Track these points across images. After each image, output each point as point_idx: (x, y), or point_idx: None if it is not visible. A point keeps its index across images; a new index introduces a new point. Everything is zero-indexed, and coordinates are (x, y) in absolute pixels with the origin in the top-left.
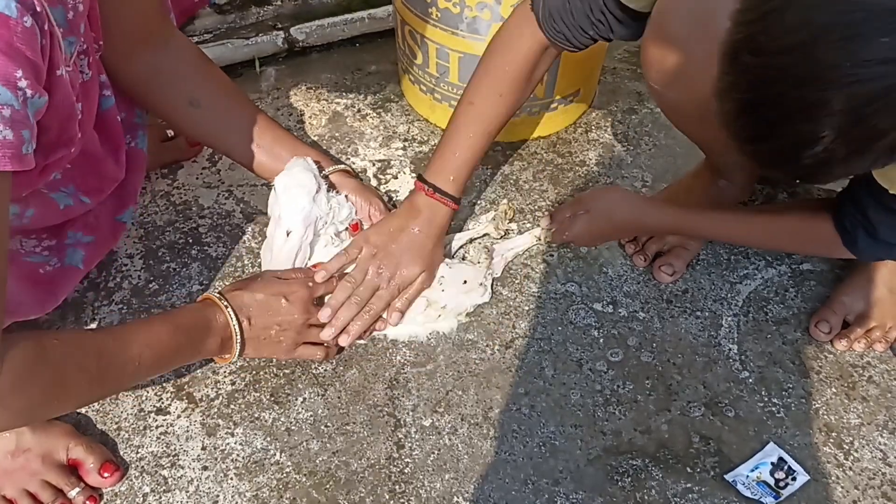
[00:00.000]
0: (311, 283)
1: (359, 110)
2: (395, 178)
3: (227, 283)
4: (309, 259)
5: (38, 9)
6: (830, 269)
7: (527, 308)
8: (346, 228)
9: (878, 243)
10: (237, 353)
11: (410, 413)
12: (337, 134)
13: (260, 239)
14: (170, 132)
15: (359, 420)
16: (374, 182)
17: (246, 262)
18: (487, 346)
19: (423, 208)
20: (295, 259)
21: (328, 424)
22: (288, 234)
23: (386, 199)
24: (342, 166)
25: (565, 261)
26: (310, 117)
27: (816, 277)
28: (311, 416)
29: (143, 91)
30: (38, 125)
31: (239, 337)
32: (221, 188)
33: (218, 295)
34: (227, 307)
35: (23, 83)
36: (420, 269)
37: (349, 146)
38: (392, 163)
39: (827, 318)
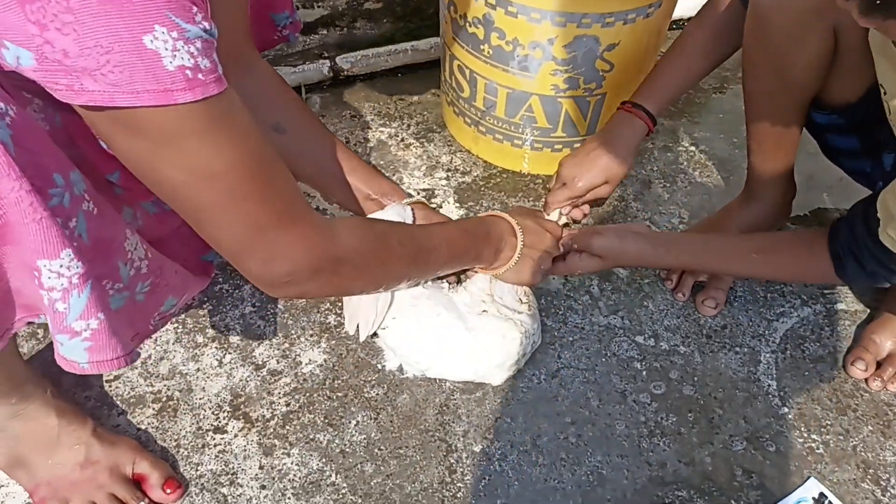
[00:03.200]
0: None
1: (402, 139)
2: (440, 207)
3: (279, 306)
4: (388, 307)
5: None
6: (864, 309)
7: (570, 339)
8: None
9: (865, 272)
10: (511, 264)
11: (461, 438)
12: (382, 162)
13: None
14: None
15: (411, 444)
16: None
17: None
18: (534, 374)
19: (616, 121)
20: (377, 303)
21: (381, 448)
22: None
23: None
24: (416, 199)
25: (607, 293)
26: (354, 145)
27: (850, 318)
28: (364, 438)
29: None
30: None
31: (518, 254)
32: None
33: (508, 216)
34: (518, 226)
35: (199, 16)
36: (602, 179)
37: (394, 174)
38: (436, 192)
39: (862, 357)
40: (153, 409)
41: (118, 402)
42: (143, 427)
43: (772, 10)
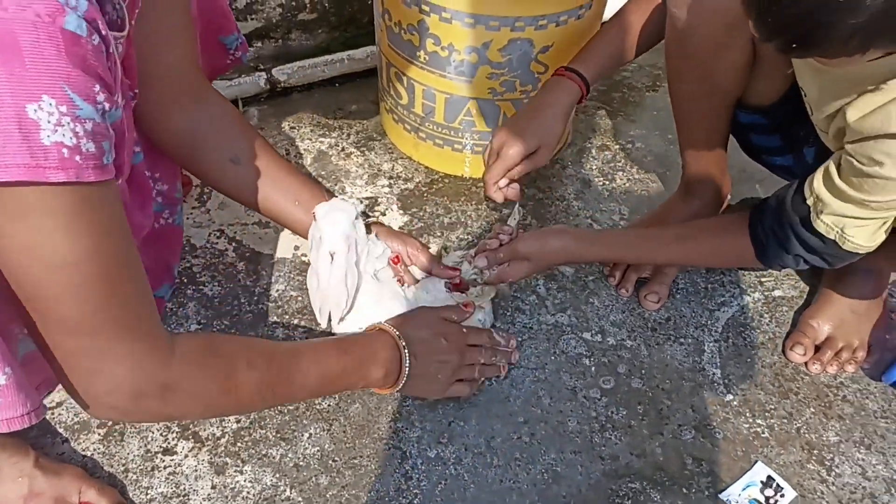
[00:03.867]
0: (465, 330)
1: (343, 149)
2: (384, 214)
3: (224, 322)
4: (358, 283)
5: (104, 32)
6: (800, 294)
7: (519, 339)
8: (387, 264)
9: (788, 256)
10: (401, 386)
11: (415, 445)
12: (323, 172)
13: (254, 278)
14: None
15: (365, 454)
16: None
17: (243, 300)
18: (485, 377)
19: (548, 85)
20: (346, 281)
21: (336, 459)
22: (332, 257)
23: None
24: (373, 218)
25: (553, 292)
26: (295, 157)
27: (788, 304)
28: (318, 451)
29: (183, 148)
30: None
31: (408, 372)
32: (213, 227)
33: (390, 326)
34: (400, 339)
35: (100, 97)
36: (535, 144)
37: (335, 184)
38: (380, 200)
39: (800, 341)
40: (98, 434)
41: (61, 430)
42: (89, 453)
43: (691, 25)
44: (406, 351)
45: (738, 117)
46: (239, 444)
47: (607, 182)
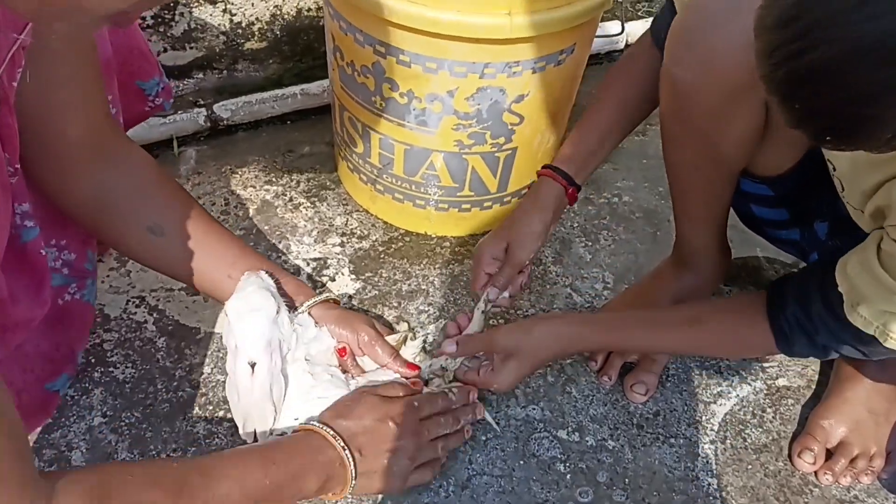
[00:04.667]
0: (416, 403)
1: (290, 199)
2: (333, 279)
3: (136, 414)
4: (285, 392)
5: None
6: (807, 384)
7: (483, 438)
8: (330, 353)
9: (815, 347)
10: (350, 489)
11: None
12: (266, 227)
13: (176, 357)
14: None
15: None
16: (309, 285)
17: (160, 385)
18: (441, 486)
19: (531, 189)
20: (272, 395)
21: None
22: (252, 368)
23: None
24: (323, 297)
25: (524, 379)
26: (235, 207)
27: (794, 395)
28: None
29: (89, 215)
30: None
31: (353, 472)
32: (132, 293)
33: (319, 424)
34: (335, 437)
35: None
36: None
37: (280, 241)
38: (329, 262)
39: (810, 446)
40: None
41: None
42: None
43: (695, 89)
44: (346, 450)
45: (741, 185)
46: None
47: (590, 243)
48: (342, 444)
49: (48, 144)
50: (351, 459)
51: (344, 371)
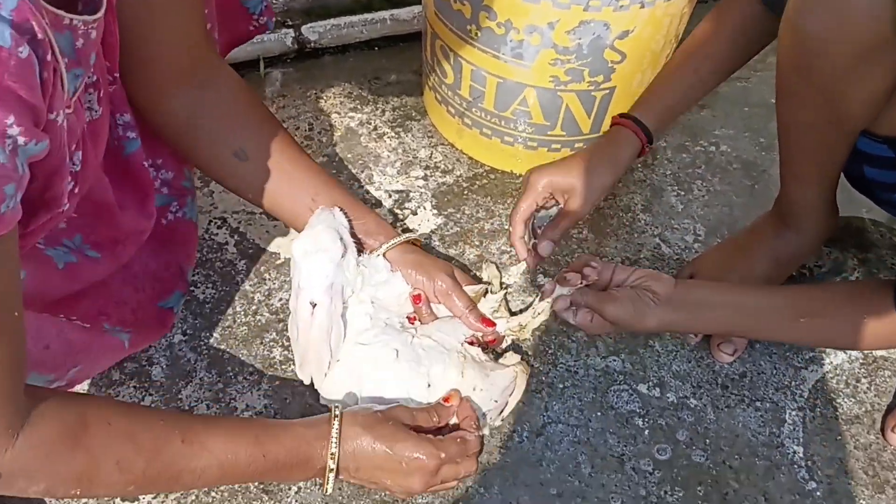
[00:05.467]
0: (442, 455)
1: (375, 128)
2: (414, 213)
3: (215, 334)
4: (344, 336)
5: (40, 35)
6: None
7: (561, 386)
8: (403, 299)
9: None
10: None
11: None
12: (349, 155)
13: (256, 281)
14: None
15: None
16: (389, 218)
17: (238, 308)
18: (515, 432)
19: (605, 136)
20: (329, 338)
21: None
22: (313, 307)
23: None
24: (402, 238)
25: None
26: (319, 132)
27: (891, 367)
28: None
29: (180, 135)
30: None
31: (331, 483)
32: (214, 214)
33: (337, 430)
34: (333, 457)
35: (14, 130)
36: (570, 186)
37: (363, 171)
38: (411, 195)
39: None
40: None
41: None
42: None
43: (824, 43)
44: (333, 472)
45: (857, 143)
46: (213, 495)
47: (682, 193)
48: (333, 464)
49: (145, 59)
50: (334, 476)
51: (415, 319)
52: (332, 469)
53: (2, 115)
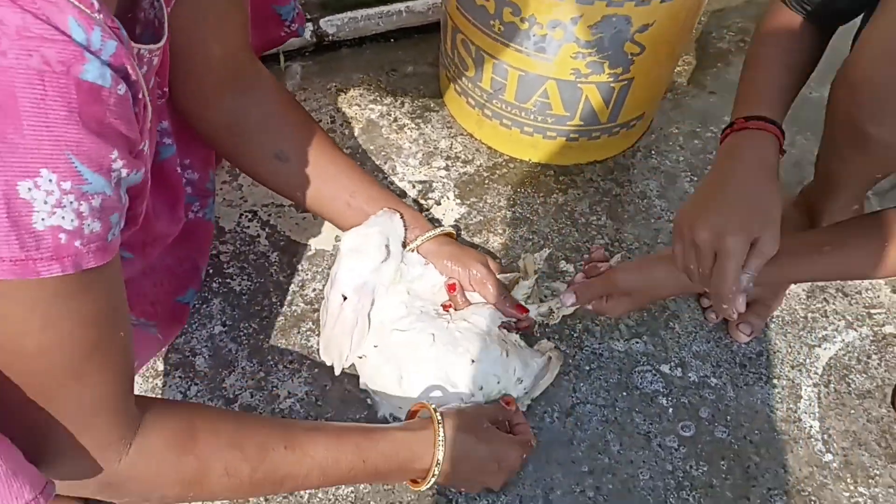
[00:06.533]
0: (524, 455)
1: (395, 119)
2: (439, 203)
3: (253, 325)
4: (366, 336)
5: (133, 77)
6: None
7: (587, 368)
8: (439, 288)
9: None
10: (431, 482)
11: (463, 492)
12: (372, 147)
13: (289, 272)
14: None
15: (405, 499)
16: (415, 208)
17: (274, 299)
18: (546, 412)
19: (738, 147)
20: (352, 333)
21: (371, 502)
22: (344, 299)
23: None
24: (438, 231)
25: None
26: (341, 125)
27: None
28: (350, 492)
29: (223, 139)
30: None
31: (432, 482)
32: (244, 207)
33: (443, 437)
34: (438, 463)
35: (118, 164)
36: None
37: (385, 162)
38: (434, 185)
39: None
40: None
41: None
42: None
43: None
44: (438, 466)
45: None
46: None
47: (696, 178)
48: (437, 469)
49: (193, 69)
50: (436, 474)
51: (449, 307)
52: (435, 475)
53: (107, 150)
